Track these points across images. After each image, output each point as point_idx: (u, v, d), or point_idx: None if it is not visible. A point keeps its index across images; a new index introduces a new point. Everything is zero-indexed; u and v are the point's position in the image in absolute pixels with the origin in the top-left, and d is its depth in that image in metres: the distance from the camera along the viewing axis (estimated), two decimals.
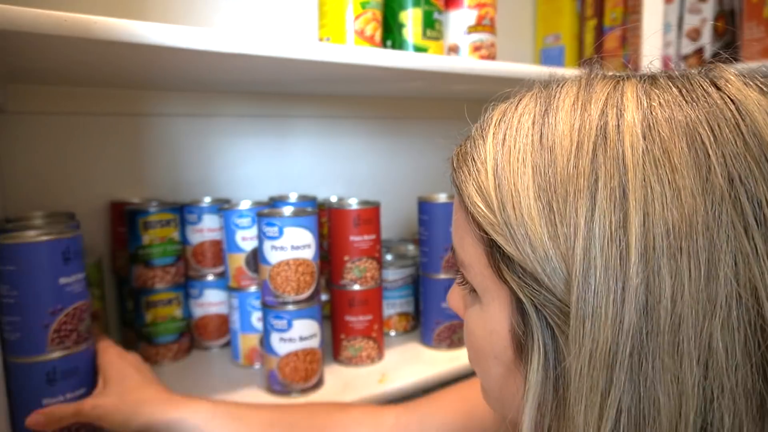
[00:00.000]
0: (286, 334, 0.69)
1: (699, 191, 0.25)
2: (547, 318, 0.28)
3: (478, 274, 0.33)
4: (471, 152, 0.33)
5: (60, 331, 0.55)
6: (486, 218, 0.30)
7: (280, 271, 0.68)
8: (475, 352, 0.35)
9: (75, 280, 0.56)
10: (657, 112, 0.27)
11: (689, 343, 0.25)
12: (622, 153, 0.26)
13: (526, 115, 0.31)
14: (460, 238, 0.34)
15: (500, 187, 0.29)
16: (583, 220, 0.26)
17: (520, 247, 0.28)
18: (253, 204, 0.80)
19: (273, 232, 0.67)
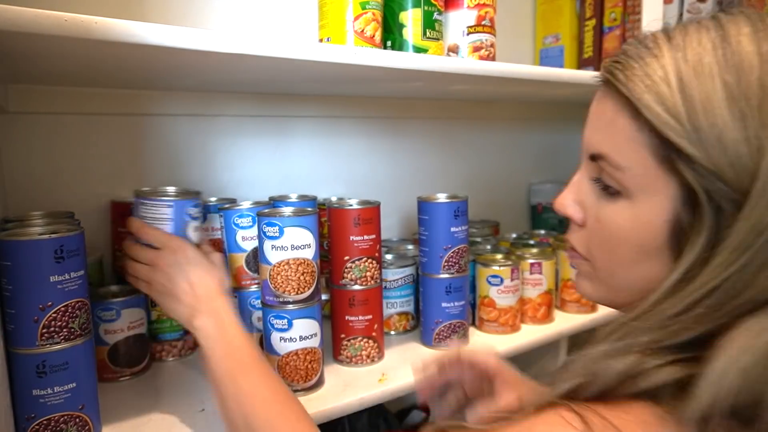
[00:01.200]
0: (287, 334, 0.69)
1: None
2: (719, 204, 0.35)
3: (638, 175, 0.38)
4: (641, 67, 0.37)
5: (50, 326, 0.56)
6: (669, 125, 0.35)
7: (280, 270, 0.68)
8: (613, 242, 0.42)
9: (68, 278, 0.57)
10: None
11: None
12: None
13: (704, 38, 0.36)
14: (617, 144, 0.39)
15: (689, 98, 0.35)
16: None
17: (710, 150, 0.34)
18: (252, 204, 0.80)
19: (273, 232, 0.67)
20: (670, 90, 0.36)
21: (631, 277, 0.42)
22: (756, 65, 0.34)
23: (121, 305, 0.74)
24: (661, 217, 0.38)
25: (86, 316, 0.60)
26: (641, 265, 0.40)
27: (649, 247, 0.39)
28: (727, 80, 0.34)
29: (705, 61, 0.35)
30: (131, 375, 0.76)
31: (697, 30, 0.37)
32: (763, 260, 0.34)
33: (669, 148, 0.36)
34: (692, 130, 0.35)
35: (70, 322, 0.58)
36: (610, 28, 1.19)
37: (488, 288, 0.90)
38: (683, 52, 0.36)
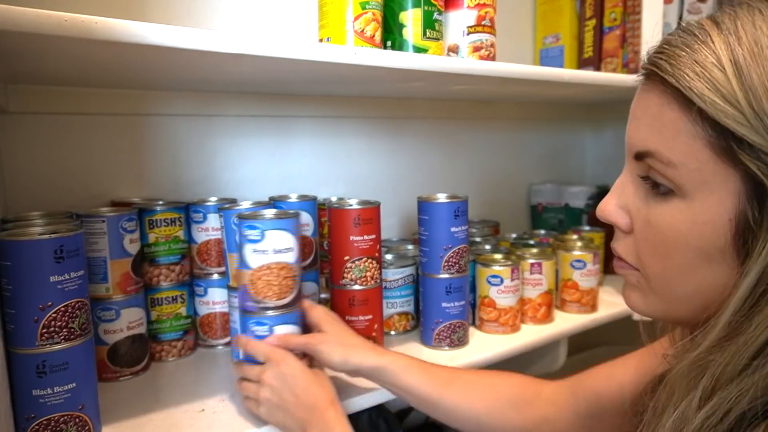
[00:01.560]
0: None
1: None
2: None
3: (694, 170, 0.36)
4: (690, 56, 0.35)
5: (50, 326, 0.56)
6: (725, 112, 0.33)
7: (261, 275, 0.67)
8: (668, 246, 0.39)
9: (68, 278, 0.57)
10: None
11: None
12: None
13: (758, 20, 0.34)
14: (667, 139, 0.37)
15: (748, 82, 0.33)
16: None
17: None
18: (253, 204, 0.80)
19: (254, 235, 0.66)
20: (725, 75, 0.34)
21: (691, 285, 0.38)
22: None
23: (120, 305, 0.74)
24: (723, 215, 0.35)
25: (86, 316, 0.60)
26: (702, 272, 0.37)
27: (711, 250, 0.36)
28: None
29: (763, 42, 0.33)
30: (131, 375, 0.76)
31: (750, 12, 0.35)
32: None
33: (728, 138, 0.34)
34: (754, 117, 0.33)
35: (70, 322, 0.58)
36: (610, 28, 1.19)
37: (488, 288, 0.90)
38: (736, 35, 0.34)
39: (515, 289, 0.91)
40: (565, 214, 1.36)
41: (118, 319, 0.74)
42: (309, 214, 0.85)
